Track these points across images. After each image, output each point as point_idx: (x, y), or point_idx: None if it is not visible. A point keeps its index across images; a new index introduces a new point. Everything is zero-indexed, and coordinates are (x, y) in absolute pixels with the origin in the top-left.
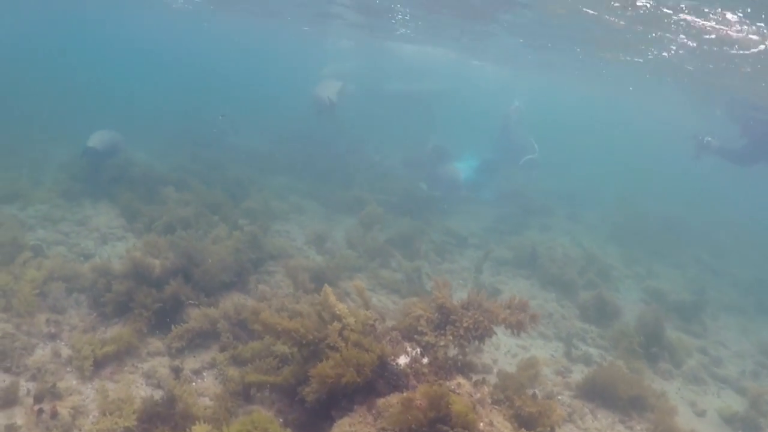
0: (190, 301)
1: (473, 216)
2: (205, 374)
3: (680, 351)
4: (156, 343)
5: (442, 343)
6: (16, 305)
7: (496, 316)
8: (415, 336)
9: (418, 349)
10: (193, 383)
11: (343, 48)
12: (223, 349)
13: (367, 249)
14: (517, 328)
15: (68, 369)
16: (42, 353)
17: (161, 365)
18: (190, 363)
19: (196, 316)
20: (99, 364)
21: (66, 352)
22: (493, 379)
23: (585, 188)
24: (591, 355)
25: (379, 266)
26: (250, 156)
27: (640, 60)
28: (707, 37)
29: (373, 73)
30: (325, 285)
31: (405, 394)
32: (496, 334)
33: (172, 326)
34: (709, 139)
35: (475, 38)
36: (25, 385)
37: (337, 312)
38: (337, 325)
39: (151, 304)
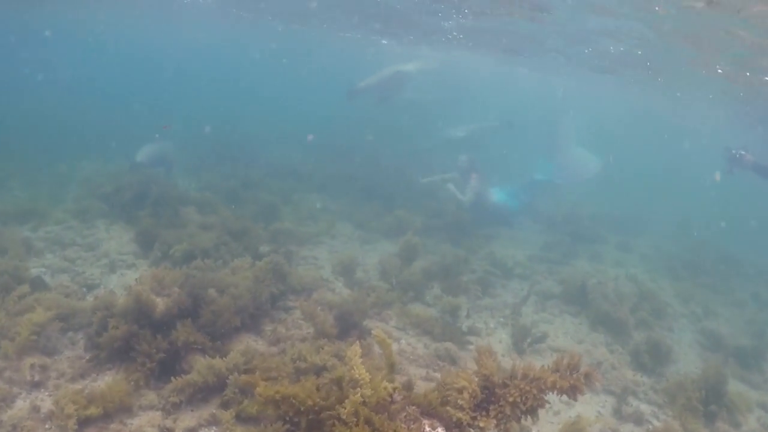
0: (196, 346)
1: (519, 242)
2: None
3: (740, 407)
4: (150, 395)
5: (482, 425)
6: (5, 347)
7: (545, 381)
8: (448, 408)
9: (440, 429)
10: None
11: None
12: (226, 405)
13: (401, 281)
14: (571, 393)
15: (48, 427)
16: (22, 405)
17: (151, 425)
18: (186, 420)
19: (200, 368)
20: (83, 422)
21: (48, 405)
22: None
23: (636, 211)
24: (642, 412)
25: (413, 299)
26: (286, 173)
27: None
28: None
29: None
30: (354, 346)
31: None
32: (549, 402)
33: (172, 377)
34: (743, 152)
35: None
36: None
37: (357, 376)
38: (355, 397)
39: (154, 353)
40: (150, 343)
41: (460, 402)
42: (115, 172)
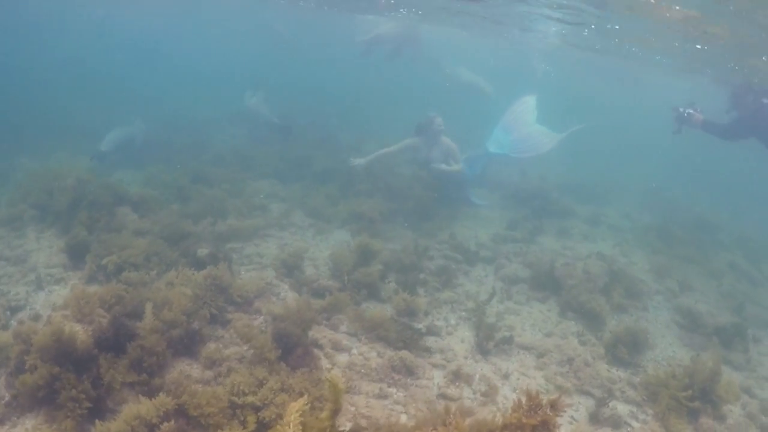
0: (123, 381)
1: (482, 221)
2: None
3: (729, 399)
4: None
5: None
6: None
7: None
8: None
9: None
10: None
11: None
12: None
13: (353, 279)
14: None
15: None
16: None
17: None
18: None
19: (126, 417)
20: None
21: None
22: None
23: (603, 180)
24: (620, 414)
25: (367, 297)
26: (236, 158)
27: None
28: None
29: None
30: (291, 407)
31: None
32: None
33: (97, 421)
34: (691, 111)
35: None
36: None
37: None
38: None
39: (81, 398)
40: (75, 386)
41: None
42: (57, 169)
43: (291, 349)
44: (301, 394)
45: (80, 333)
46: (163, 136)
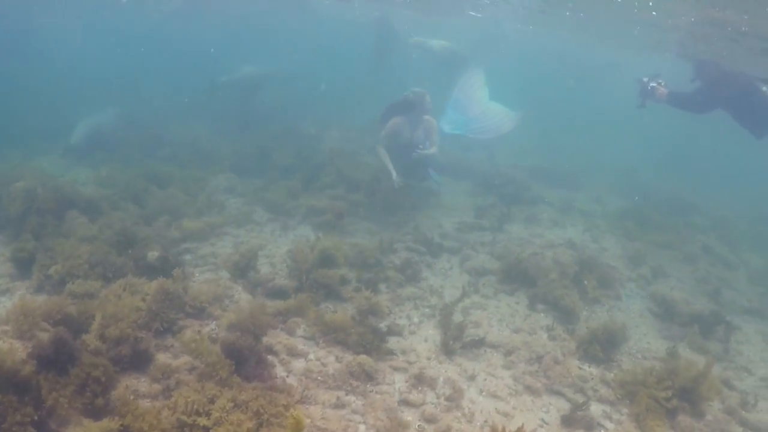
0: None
1: (448, 209)
2: None
3: (707, 395)
4: None
5: None
6: None
7: None
8: None
9: None
10: None
11: None
12: None
13: (311, 278)
14: None
15: None
16: None
17: None
18: None
19: None
20: None
21: None
22: None
23: (573, 163)
24: (593, 416)
25: (326, 296)
26: (193, 152)
27: None
28: None
29: None
30: None
31: None
32: None
33: None
34: (654, 84)
35: None
36: None
37: None
38: None
39: (26, 423)
40: (18, 409)
41: None
42: (9, 172)
43: (244, 359)
44: (257, 413)
45: (20, 351)
46: (118, 132)
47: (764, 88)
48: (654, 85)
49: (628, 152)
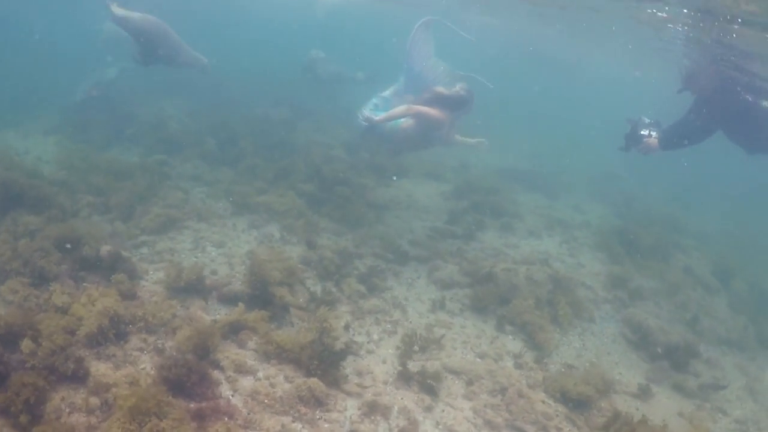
0: None
1: (421, 211)
2: None
3: None
4: None
5: None
6: None
7: None
8: None
9: None
10: None
11: None
12: None
13: (267, 282)
14: None
15: None
16: None
17: None
18: None
19: None
20: None
21: None
22: None
23: (551, 167)
24: None
25: (282, 308)
26: (161, 138)
27: None
28: None
29: None
30: None
31: None
32: None
33: None
34: (645, 133)
35: None
36: None
37: None
38: None
39: None
40: None
41: None
42: None
43: (185, 378)
44: None
45: None
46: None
47: (765, 104)
48: (645, 134)
49: (608, 156)
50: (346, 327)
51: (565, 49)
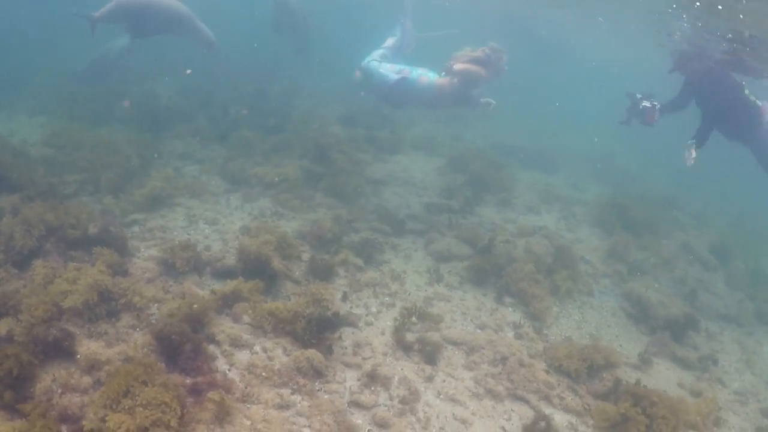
0: None
1: (417, 187)
2: None
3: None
4: None
5: None
6: None
7: None
8: None
9: None
10: None
11: None
12: None
13: (261, 254)
14: None
15: None
16: None
17: None
18: None
19: None
20: None
21: None
22: None
23: (549, 143)
24: (557, 427)
25: (277, 280)
26: (146, 114)
27: None
28: None
29: None
30: None
31: None
32: None
33: None
34: (647, 105)
35: None
36: None
37: None
38: None
39: None
40: None
41: None
42: None
43: (179, 346)
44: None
45: None
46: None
47: (747, 92)
48: (646, 105)
49: (606, 135)
50: (344, 298)
51: (565, 29)
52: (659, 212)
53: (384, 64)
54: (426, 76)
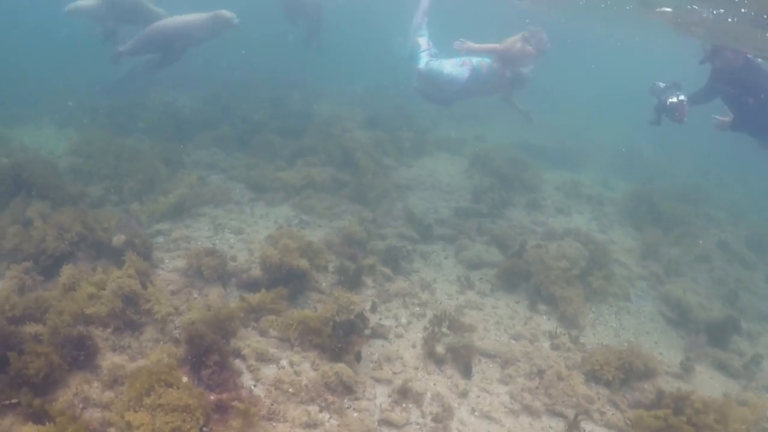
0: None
1: (444, 191)
2: None
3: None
4: None
5: None
6: None
7: None
8: None
9: None
10: None
11: None
12: None
13: (285, 269)
14: None
15: None
16: None
17: None
18: None
19: None
20: None
21: None
22: None
23: (575, 141)
24: None
25: (303, 289)
26: (169, 124)
27: None
28: None
29: None
30: None
31: None
32: None
33: None
34: (674, 100)
35: None
36: None
37: None
38: None
39: None
40: None
41: None
42: None
43: (204, 355)
44: None
45: None
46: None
47: None
48: (674, 101)
49: (631, 130)
50: (373, 309)
51: (589, 26)
52: (691, 208)
53: (443, 61)
54: (483, 61)
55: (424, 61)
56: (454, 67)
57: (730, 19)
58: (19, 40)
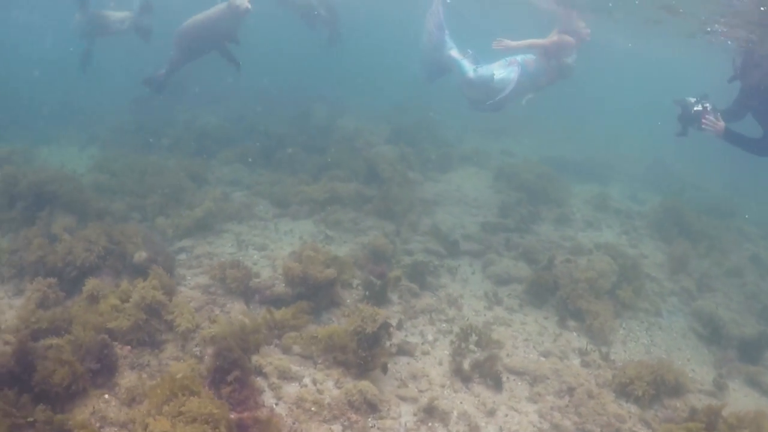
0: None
1: (471, 206)
2: None
3: None
4: None
5: None
6: None
7: None
8: None
9: None
10: None
11: None
12: None
13: (311, 285)
14: None
15: None
16: None
17: None
18: None
19: None
20: None
21: None
22: None
23: (602, 154)
24: None
25: (329, 306)
26: (194, 141)
27: None
28: None
29: None
30: None
31: None
32: None
33: None
34: (699, 108)
35: None
36: None
37: None
38: None
39: None
40: None
41: None
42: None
43: (225, 370)
44: None
45: None
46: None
47: None
48: (699, 109)
49: (656, 143)
50: (399, 326)
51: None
52: (723, 221)
53: (490, 65)
54: (528, 57)
55: (470, 69)
56: (502, 68)
57: None
58: (43, 63)
